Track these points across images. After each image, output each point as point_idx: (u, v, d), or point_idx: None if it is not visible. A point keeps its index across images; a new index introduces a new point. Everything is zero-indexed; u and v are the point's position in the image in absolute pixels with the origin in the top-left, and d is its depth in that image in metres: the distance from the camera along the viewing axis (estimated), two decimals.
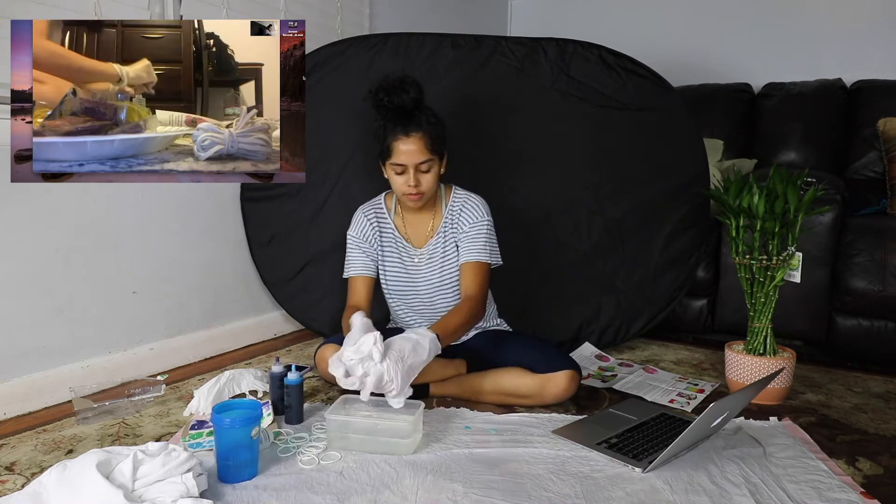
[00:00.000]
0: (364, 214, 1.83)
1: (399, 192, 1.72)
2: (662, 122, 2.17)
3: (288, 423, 1.55)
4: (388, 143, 1.65)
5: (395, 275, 1.83)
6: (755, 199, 1.70)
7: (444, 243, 1.79)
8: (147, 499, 1.11)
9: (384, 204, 1.85)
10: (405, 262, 1.82)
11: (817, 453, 1.41)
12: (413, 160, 1.64)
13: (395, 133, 1.64)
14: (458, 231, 1.77)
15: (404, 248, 1.81)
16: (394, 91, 1.63)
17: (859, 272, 2.05)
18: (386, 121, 1.66)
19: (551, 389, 1.63)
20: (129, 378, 1.78)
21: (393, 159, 1.66)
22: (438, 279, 1.79)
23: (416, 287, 1.82)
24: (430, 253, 1.80)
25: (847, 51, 2.85)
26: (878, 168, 2.58)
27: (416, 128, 1.63)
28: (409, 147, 1.63)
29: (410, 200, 1.71)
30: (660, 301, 2.18)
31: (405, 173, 1.66)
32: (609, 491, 1.24)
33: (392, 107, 1.64)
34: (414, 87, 1.64)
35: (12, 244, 1.63)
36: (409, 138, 1.63)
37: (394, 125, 1.64)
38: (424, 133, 1.64)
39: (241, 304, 2.29)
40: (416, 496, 1.21)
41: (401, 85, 1.63)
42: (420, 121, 1.64)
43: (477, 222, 1.76)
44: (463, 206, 1.78)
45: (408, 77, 1.65)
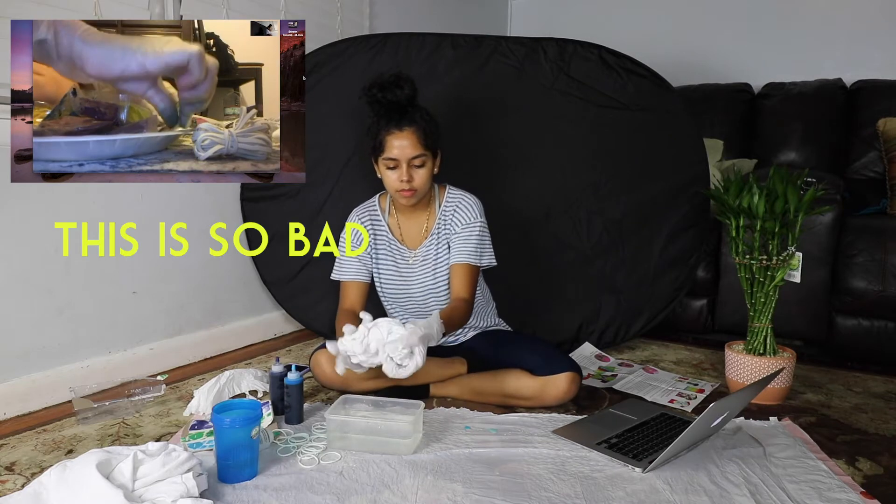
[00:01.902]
0: (358, 217, 1.82)
1: (392, 189, 1.70)
2: (662, 122, 2.17)
3: (288, 423, 1.55)
4: (380, 137, 1.65)
5: (389, 277, 1.82)
6: (755, 199, 1.70)
7: (438, 245, 1.78)
8: (147, 499, 1.11)
9: (378, 205, 1.83)
10: (399, 263, 1.80)
11: (817, 453, 1.41)
12: (406, 154, 1.63)
13: (388, 127, 1.63)
14: (451, 232, 1.76)
15: (398, 249, 1.80)
16: (388, 87, 1.62)
17: (859, 272, 2.05)
18: (379, 116, 1.66)
19: (552, 392, 1.63)
20: (129, 378, 1.78)
21: (386, 154, 1.65)
22: (432, 280, 1.78)
23: (409, 288, 1.80)
24: (424, 255, 1.78)
25: (847, 51, 2.85)
26: (878, 168, 2.58)
27: (409, 122, 1.63)
28: (401, 141, 1.63)
29: (403, 197, 1.69)
30: (660, 301, 2.17)
31: (398, 168, 1.65)
32: (609, 491, 1.24)
33: (385, 102, 1.63)
34: (408, 84, 1.63)
35: (12, 244, 1.63)
36: (402, 132, 1.62)
37: (387, 120, 1.64)
38: (418, 128, 1.64)
39: (241, 304, 2.29)
40: (416, 496, 1.21)
41: (395, 81, 1.63)
42: (414, 116, 1.64)
43: (469, 223, 1.74)
44: (456, 207, 1.77)
45: (402, 74, 1.65)
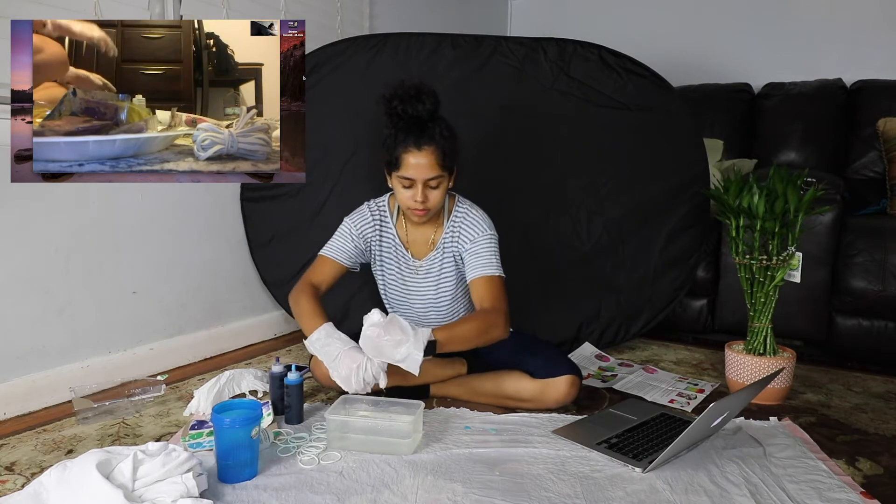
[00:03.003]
0: (370, 211, 1.75)
1: (404, 206, 1.64)
2: (662, 122, 2.17)
3: (288, 423, 1.55)
4: (397, 154, 1.56)
5: (393, 283, 1.79)
6: (755, 199, 1.70)
7: (443, 259, 1.73)
8: (147, 499, 1.11)
9: (388, 206, 1.78)
10: (403, 271, 1.77)
11: (817, 453, 1.41)
12: (423, 175, 1.56)
13: (406, 145, 1.55)
14: (459, 248, 1.71)
15: (403, 256, 1.76)
16: (409, 100, 1.55)
17: (859, 272, 2.05)
18: (397, 130, 1.58)
19: (552, 394, 1.62)
20: (129, 378, 1.78)
21: (401, 172, 1.57)
22: (434, 294, 1.75)
23: (409, 298, 1.78)
24: (428, 268, 1.75)
25: (847, 51, 2.85)
26: (878, 168, 2.58)
27: (428, 141, 1.55)
28: (419, 161, 1.55)
29: (415, 215, 1.64)
30: (660, 301, 2.17)
31: (412, 187, 1.58)
32: (609, 491, 1.24)
33: (406, 116, 1.56)
34: (430, 98, 1.57)
35: (12, 244, 1.63)
36: (420, 152, 1.54)
37: (405, 136, 1.56)
38: (437, 147, 1.55)
39: (241, 304, 2.29)
40: (416, 496, 1.21)
41: (417, 94, 1.55)
42: (433, 133, 1.56)
43: (479, 237, 1.68)
44: (463, 222, 1.70)
45: (424, 86, 1.58)
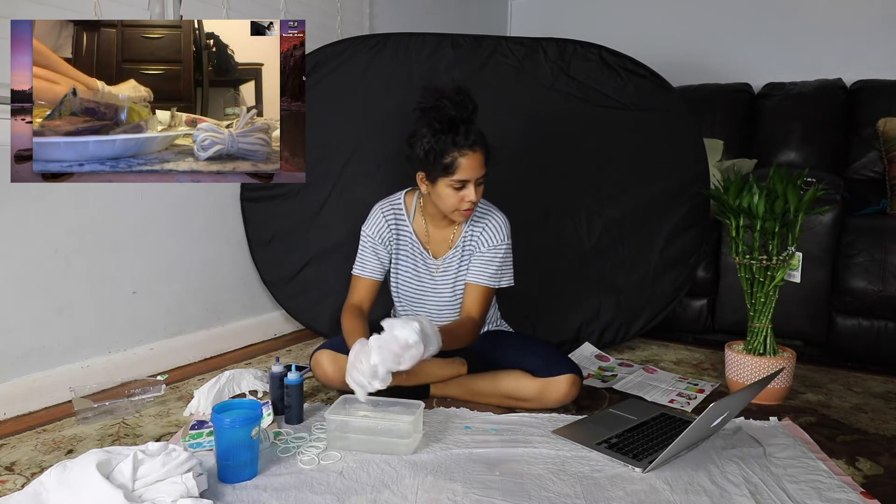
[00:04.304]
0: (382, 213, 1.75)
1: (450, 208, 1.62)
2: (662, 122, 2.17)
3: (288, 423, 1.55)
4: (449, 160, 1.56)
5: (407, 280, 1.79)
6: (755, 199, 1.70)
7: (461, 258, 1.75)
8: (147, 499, 1.11)
9: (403, 204, 1.78)
10: (419, 269, 1.77)
11: (817, 453, 1.41)
12: (476, 175, 1.58)
13: (460, 147, 1.55)
14: (476, 250, 1.73)
15: (421, 254, 1.76)
16: (460, 102, 1.56)
17: (859, 272, 2.05)
18: (441, 133, 1.56)
19: (552, 394, 1.62)
20: (129, 378, 1.78)
21: (457, 175, 1.57)
22: (450, 293, 1.76)
23: (424, 297, 1.79)
24: (446, 266, 1.75)
25: (847, 51, 2.85)
26: (878, 168, 2.58)
27: (476, 139, 1.57)
28: (472, 162, 1.56)
29: (462, 216, 1.65)
30: (660, 301, 2.18)
31: (465, 188, 1.59)
32: (609, 491, 1.24)
33: (457, 118, 1.56)
34: (472, 100, 1.58)
35: (12, 244, 1.63)
36: (473, 153, 1.56)
37: (454, 137, 1.55)
38: (483, 145, 1.59)
39: (241, 304, 2.29)
40: (416, 496, 1.21)
41: (462, 99, 1.56)
42: (478, 133, 1.59)
43: (496, 245, 1.70)
44: (485, 227, 1.72)
45: (463, 87, 1.59)
